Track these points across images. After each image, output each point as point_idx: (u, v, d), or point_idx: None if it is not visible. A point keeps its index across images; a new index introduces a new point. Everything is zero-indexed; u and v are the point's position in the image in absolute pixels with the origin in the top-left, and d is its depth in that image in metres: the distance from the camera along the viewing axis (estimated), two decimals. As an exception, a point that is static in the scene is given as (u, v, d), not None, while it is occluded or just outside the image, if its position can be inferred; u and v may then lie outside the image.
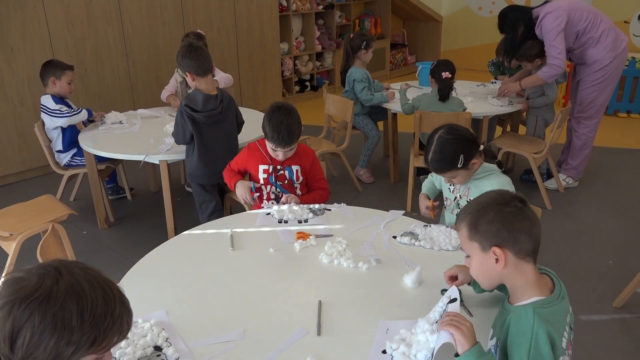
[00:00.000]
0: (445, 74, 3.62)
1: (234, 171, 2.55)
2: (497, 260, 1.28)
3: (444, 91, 3.65)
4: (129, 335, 1.31)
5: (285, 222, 2.11)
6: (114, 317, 0.95)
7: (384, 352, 1.37)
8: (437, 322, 1.35)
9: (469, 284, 1.58)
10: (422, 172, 4.18)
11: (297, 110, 2.40)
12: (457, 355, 1.20)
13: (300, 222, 2.11)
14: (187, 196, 3.98)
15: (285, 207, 2.20)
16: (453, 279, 1.57)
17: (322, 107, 4.50)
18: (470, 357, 1.18)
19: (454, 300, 1.35)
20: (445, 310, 1.34)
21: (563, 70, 3.78)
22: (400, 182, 4.34)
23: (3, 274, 2.67)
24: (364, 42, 4.14)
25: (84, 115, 3.56)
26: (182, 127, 2.85)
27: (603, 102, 3.98)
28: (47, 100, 3.55)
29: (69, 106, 3.65)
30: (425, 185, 2.37)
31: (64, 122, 3.52)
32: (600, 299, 2.77)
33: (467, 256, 1.36)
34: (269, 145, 2.37)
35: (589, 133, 4.04)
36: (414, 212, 2.25)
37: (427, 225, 2.05)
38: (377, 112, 4.43)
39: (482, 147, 2.05)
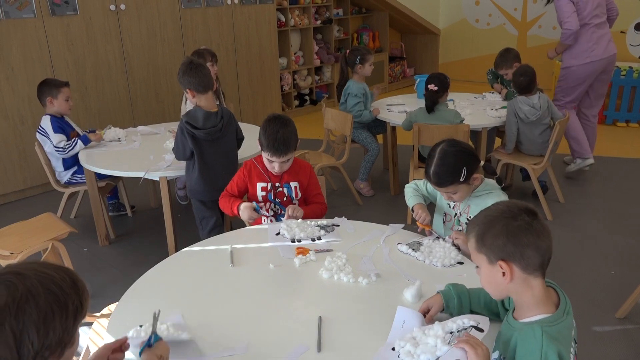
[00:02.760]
0: (431, 86, 3.66)
1: (232, 195, 2.49)
2: (503, 273, 1.26)
3: (427, 103, 3.70)
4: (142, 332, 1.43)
5: (299, 241, 2.09)
6: (80, 281, 1.07)
7: (393, 349, 1.40)
8: (451, 332, 1.36)
9: (442, 311, 1.54)
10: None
11: (294, 122, 2.41)
12: None
13: (313, 240, 2.10)
14: (187, 212, 3.98)
15: (294, 224, 2.18)
16: (427, 311, 1.53)
17: (321, 121, 4.52)
18: None
19: (481, 330, 1.35)
20: (465, 331, 1.34)
21: (575, 30, 4.20)
22: (400, 194, 4.34)
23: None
24: (357, 57, 4.20)
25: (79, 147, 3.52)
26: (183, 143, 2.86)
27: (570, 99, 4.52)
28: (46, 124, 3.54)
29: (69, 125, 3.67)
30: (413, 195, 2.28)
31: (63, 156, 3.54)
32: (603, 310, 2.76)
33: (477, 267, 1.36)
34: (265, 156, 2.36)
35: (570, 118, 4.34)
36: (414, 225, 2.24)
37: (437, 238, 2.04)
38: (377, 126, 4.45)
39: (482, 162, 2.05)
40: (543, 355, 1.18)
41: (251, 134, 3.33)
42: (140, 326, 1.46)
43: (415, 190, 2.31)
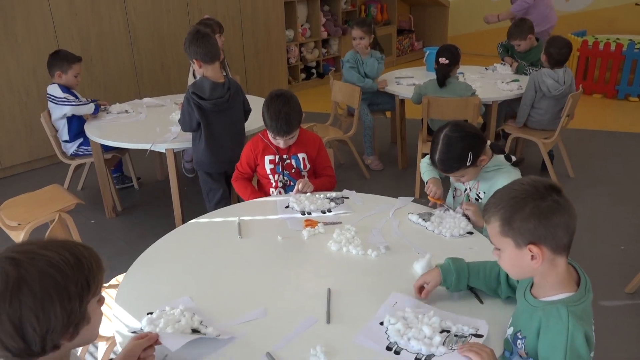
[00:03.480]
0: (442, 60, 3.58)
1: (245, 179, 2.49)
2: (532, 257, 1.21)
3: (439, 77, 3.62)
4: (162, 321, 1.37)
5: (309, 213, 2.07)
6: (86, 257, 1.00)
7: (381, 323, 1.39)
8: (447, 331, 1.34)
9: (441, 284, 1.51)
10: (430, 159, 4.14)
11: (297, 97, 2.36)
12: None
13: (323, 212, 2.07)
14: (194, 185, 3.97)
15: (303, 197, 2.16)
16: (421, 288, 1.49)
17: (328, 94, 4.47)
18: None
19: (480, 336, 1.33)
20: (465, 339, 1.32)
21: (531, 4, 4.71)
22: (408, 168, 4.30)
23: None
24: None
25: (90, 108, 3.53)
26: (189, 114, 2.82)
27: None
28: (54, 89, 3.53)
29: (76, 97, 3.64)
30: (428, 170, 2.24)
31: (69, 109, 3.51)
32: (612, 285, 2.74)
33: (497, 249, 1.29)
34: (269, 134, 2.34)
35: None
36: (422, 199, 2.21)
37: (447, 210, 2.02)
38: (382, 102, 4.37)
39: (489, 142, 2.00)
40: (570, 337, 1.15)
41: (258, 106, 3.28)
42: (150, 314, 1.43)
43: (429, 164, 2.27)
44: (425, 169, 2.25)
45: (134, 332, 1.37)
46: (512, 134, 3.94)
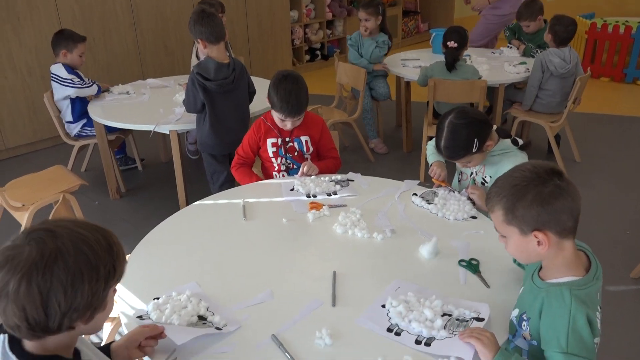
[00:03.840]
0: (451, 43, 3.52)
1: (245, 165, 2.45)
2: (538, 242, 1.20)
3: (448, 61, 3.56)
4: (169, 306, 1.36)
5: (314, 196, 2.06)
6: (116, 244, 1.01)
7: (383, 306, 1.38)
8: (449, 314, 1.34)
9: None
10: (435, 142, 4.12)
11: (303, 78, 2.33)
12: None
13: (329, 194, 2.06)
14: (197, 167, 3.96)
15: (308, 180, 2.14)
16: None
17: (332, 76, 4.42)
18: None
19: (481, 320, 1.32)
20: (467, 324, 1.31)
21: None
22: (413, 151, 4.28)
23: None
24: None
25: (93, 90, 3.52)
26: (194, 95, 2.79)
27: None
28: (58, 69, 3.50)
29: (80, 77, 3.61)
30: (433, 153, 2.20)
31: (73, 92, 3.49)
32: (618, 270, 2.73)
33: (502, 236, 1.29)
34: (277, 116, 2.29)
35: None
36: (427, 183, 2.19)
37: (452, 190, 2.01)
38: (372, 88, 4.30)
39: (495, 127, 1.97)
40: (571, 319, 1.15)
41: (262, 88, 3.26)
42: (156, 299, 1.42)
43: (435, 147, 2.25)
44: (431, 151, 2.22)
45: (139, 317, 1.35)
46: (518, 118, 3.90)
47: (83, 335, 1.10)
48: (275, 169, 2.41)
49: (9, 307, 0.89)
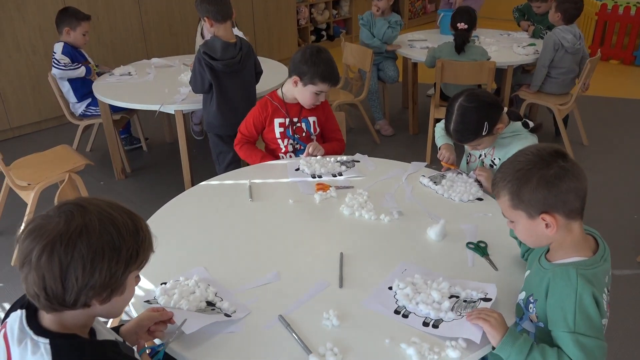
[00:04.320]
0: (461, 25, 3.47)
1: (249, 143, 2.42)
2: (546, 225, 1.20)
3: (458, 43, 3.51)
4: (176, 292, 1.34)
5: (319, 176, 2.04)
6: (144, 231, 1.02)
7: (390, 288, 1.38)
8: (457, 296, 1.33)
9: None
10: (442, 124, 4.09)
11: None
12: (493, 348, 1.18)
13: (334, 175, 2.05)
14: (202, 148, 3.94)
15: (314, 160, 2.13)
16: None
17: (338, 57, 4.35)
18: (506, 346, 1.15)
19: (488, 300, 1.31)
20: (474, 304, 1.30)
21: None
22: (419, 134, 4.25)
23: (23, 222, 2.69)
24: None
25: (80, 72, 3.50)
26: (201, 75, 2.76)
27: None
28: (57, 48, 3.49)
29: (82, 55, 3.59)
30: (442, 135, 2.18)
31: (59, 73, 3.48)
32: (624, 254, 2.72)
33: (511, 221, 1.28)
34: (315, 90, 2.22)
35: None
36: (433, 165, 2.18)
37: (460, 173, 2.00)
38: (382, 69, 4.25)
39: (505, 109, 1.94)
40: (578, 297, 1.14)
41: (268, 68, 3.23)
42: (163, 283, 1.40)
43: (444, 129, 2.22)
44: (439, 134, 2.20)
45: (147, 302, 1.34)
46: (526, 100, 3.86)
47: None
48: (282, 151, 2.39)
49: (30, 275, 0.91)
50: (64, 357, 0.94)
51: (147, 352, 1.18)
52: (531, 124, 1.97)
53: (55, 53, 3.49)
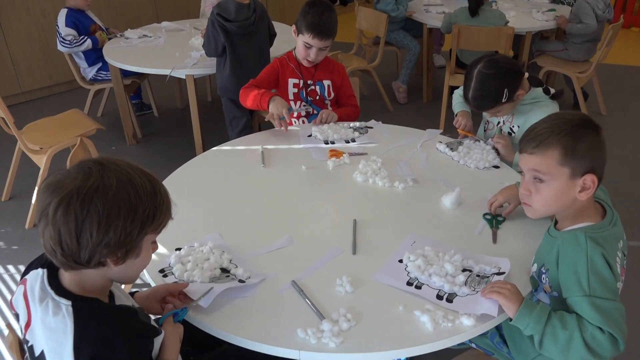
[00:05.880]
0: None
1: (259, 87, 2.31)
2: (582, 189, 1.17)
3: (471, 5, 3.41)
4: (191, 259, 1.33)
5: (332, 142, 2.01)
6: (162, 194, 1.00)
7: (400, 261, 1.36)
8: (470, 270, 1.31)
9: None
10: (456, 92, 4.01)
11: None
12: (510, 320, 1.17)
13: (347, 142, 2.02)
14: (214, 113, 3.91)
15: (326, 126, 2.10)
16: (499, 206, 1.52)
17: (351, 23, 4.29)
18: (523, 317, 1.14)
19: (502, 273, 1.29)
20: (487, 279, 1.28)
21: None
22: (433, 101, 4.18)
23: (37, 185, 2.71)
24: None
25: (87, 45, 3.45)
26: (214, 38, 2.71)
27: None
28: (61, 18, 3.43)
29: (89, 19, 3.53)
30: (460, 102, 2.14)
31: (66, 50, 3.44)
32: (640, 226, 2.69)
33: (538, 181, 1.22)
34: (303, 40, 2.19)
35: None
36: (447, 132, 2.14)
37: (478, 140, 1.96)
38: (411, 28, 4.18)
39: (526, 75, 1.88)
40: (589, 260, 1.12)
41: (280, 32, 3.16)
42: (178, 249, 1.39)
43: (462, 96, 2.18)
44: (457, 100, 2.15)
45: (161, 270, 1.33)
46: (544, 68, 3.77)
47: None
48: (295, 115, 2.35)
49: (47, 230, 0.91)
50: (85, 320, 0.94)
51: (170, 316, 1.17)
52: (552, 90, 1.91)
53: (58, 27, 3.42)
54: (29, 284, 0.99)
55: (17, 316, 1.04)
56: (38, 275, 0.99)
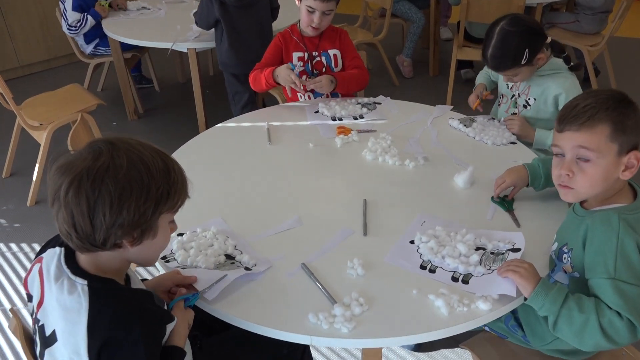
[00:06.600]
0: None
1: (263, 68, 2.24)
2: (625, 167, 1.12)
3: None
4: (194, 245, 1.30)
5: (340, 119, 1.95)
6: (176, 171, 0.97)
7: (412, 242, 1.32)
8: (484, 248, 1.27)
9: (527, 186, 1.47)
10: (463, 66, 3.93)
11: None
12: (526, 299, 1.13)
13: (355, 118, 1.96)
14: (216, 87, 3.84)
15: (334, 102, 2.03)
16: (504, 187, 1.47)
17: (358, -8, 4.17)
18: (539, 296, 1.10)
19: (517, 250, 1.24)
20: (502, 256, 1.24)
21: None
22: (439, 75, 4.10)
23: (37, 162, 2.66)
24: None
25: (90, 22, 3.34)
26: (207, 9, 2.62)
27: None
28: (67, 3, 3.31)
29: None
30: (482, 76, 2.14)
31: (74, 35, 3.36)
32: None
33: (583, 160, 1.13)
34: (307, 3, 2.09)
35: None
36: (455, 109, 2.08)
37: (492, 119, 1.91)
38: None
39: (549, 39, 1.81)
40: (620, 242, 1.07)
41: (286, 4, 3.07)
42: (180, 235, 1.33)
43: (484, 72, 2.16)
44: (481, 77, 2.12)
45: (163, 257, 1.28)
46: (555, 40, 3.67)
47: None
48: (297, 71, 2.25)
49: (60, 212, 0.89)
50: (101, 300, 0.91)
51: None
52: (572, 62, 1.84)
53: (65, 11, 3.31)
54: (45, 262, 0.97)
55: (29, 297, 1.02)
56: (55, 254, 0.97)
